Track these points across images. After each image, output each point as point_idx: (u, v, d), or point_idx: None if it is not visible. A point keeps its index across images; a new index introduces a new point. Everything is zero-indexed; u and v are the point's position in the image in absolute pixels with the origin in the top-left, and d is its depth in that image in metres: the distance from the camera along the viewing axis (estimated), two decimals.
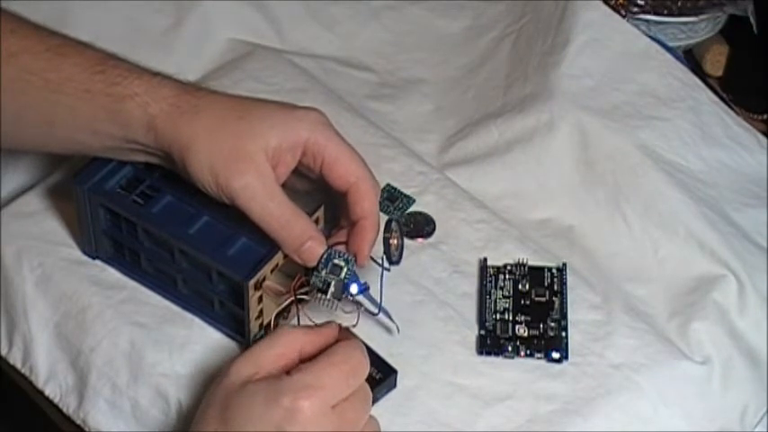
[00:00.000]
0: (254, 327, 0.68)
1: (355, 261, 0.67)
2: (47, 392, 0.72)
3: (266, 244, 0.67)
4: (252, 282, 0.66)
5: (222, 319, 0.71)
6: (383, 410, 0.67)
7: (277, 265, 0.67)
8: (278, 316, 0.69)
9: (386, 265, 0.68)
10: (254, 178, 0.65)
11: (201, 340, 0.71)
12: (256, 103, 0.68)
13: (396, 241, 0.69)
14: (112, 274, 0.73)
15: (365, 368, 0.62)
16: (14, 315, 0.73)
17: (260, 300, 0.67)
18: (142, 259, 0.72)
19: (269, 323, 0.69)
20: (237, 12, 0.92)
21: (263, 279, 0.67)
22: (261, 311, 0.68)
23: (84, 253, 0.74)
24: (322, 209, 0.71)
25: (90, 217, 0.72)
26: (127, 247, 0.72)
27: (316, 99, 0.84)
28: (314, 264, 0.66)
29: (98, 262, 0.74)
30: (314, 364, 0.60)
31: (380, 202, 0.77)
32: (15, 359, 0.73)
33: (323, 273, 0.66)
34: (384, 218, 0.70)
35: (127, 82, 0.67)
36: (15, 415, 0.79)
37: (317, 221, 0.70)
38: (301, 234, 0.66)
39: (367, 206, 0.68)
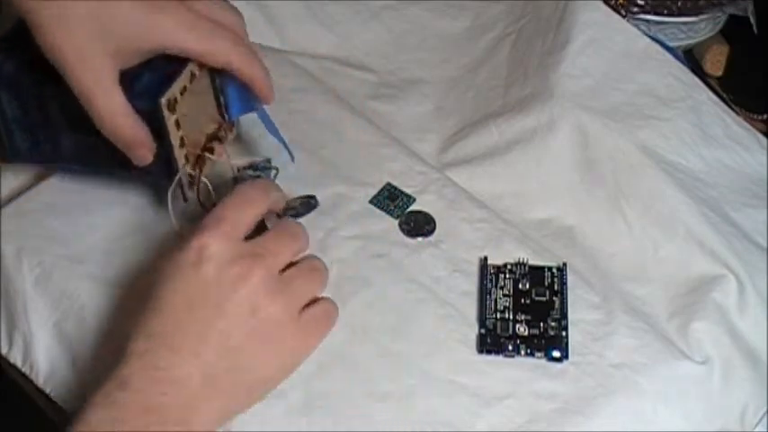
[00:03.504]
0: (179, 156, 0.68)
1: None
2: (47, 391, 0.72)
3: (171, 70, 0.67)
4: (164, 99, 0.65)
5: (148, 167, 0.69)
6: (383, 409, 0.68)
7: (185, 87, 0.67)
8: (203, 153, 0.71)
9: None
10: (91, 78, 0.65)
11: None
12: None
13: None
14: (112, 272, 0.73)
15: (304, 235, 0.68)
16: (14, 314, 0.73)
17: (177, 125, 0.67)
18: (58, 137, 0.70)
19: (197, 158, 0.70)
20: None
21: (175, 100, 0.66)
22: (182, 140, 0.67)
23: (4, 160, 0.73)
24: None
25: None
26: (39, 127, 0.71)
27: (316, 99, 0.84)
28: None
29: (98, 259, 0.74)
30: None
31: (381, 201, 0.77)
32: (15, 358, 0.73)
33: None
34: None
35: None
36: (15, 414, 0.79)
37: None
38: (132, 134, 0.68)
39: (246, 73, 0.70)
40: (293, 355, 0.67)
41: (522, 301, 0.73)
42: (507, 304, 0.73)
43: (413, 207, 0.78)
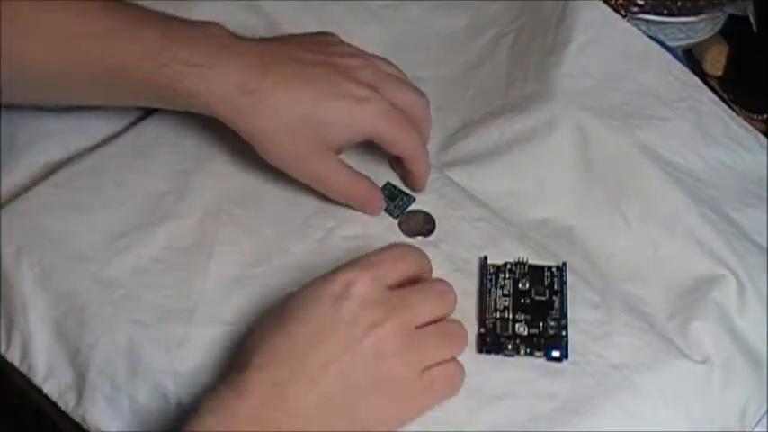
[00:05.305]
0: None
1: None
2: (45, 390, 0.72)
3: None
4: None
5: None
6: None
7: None
8: None
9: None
10: (322, 172, 0.75)
11: (200, 337, 0.71)
12: (321, 103, 0.74)
13: None
14: (112, 271, 0.73)
15: (451, 298, 0.69)
16: (13, 313, 0.73)
17: None
18: None
19: None
20: (237, 12, 0.91)
21: None
22: None
23: None
24: None
25: None
26: None
27: None
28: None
29: (97, 259, 0.74)
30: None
31: None
32: (14, 357, 0.73)
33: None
34: None
35: (189, 80, 0.72)
36: (13, 413, 0.79)
37: None
38: (366, 196, 0.77)
39: (417, 168, 0.78)
40: (405, 411, 0.67)
41: (522, 300, 0.73)
42: (507, 304, 0.73)
43: (412, 207, 0.78)
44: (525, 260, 0.75)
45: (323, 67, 0.75)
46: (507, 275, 0.75)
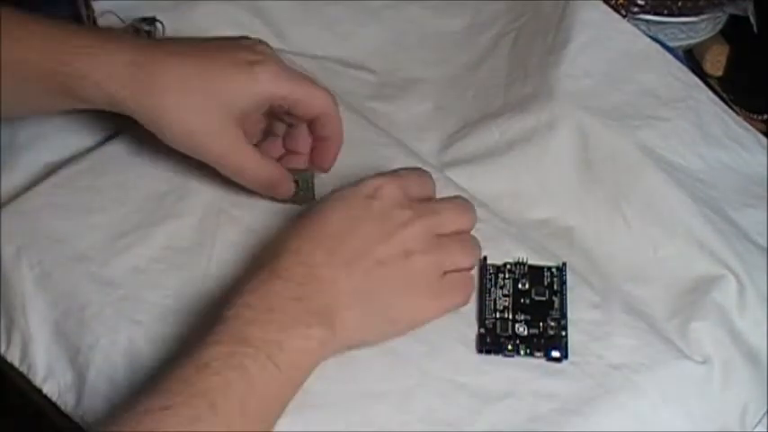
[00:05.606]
0: None
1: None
2: (45, 390, 0.72)
3: None
4: None
5: None
6: (381, 409, 0.68)
7: None
8: None
9: None
10: (225, 149, 0.73)
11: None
12: (214, 69, 0.72)
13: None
14: (111, 271, 0.73)
15: (473, 214, 0.73)
16: (13, 313, 0.73)
17: None
18: None
19: None
20: (237, 13, 0.92)
21: None
22: None
23: None
24: None
25: None
26: None
27: None
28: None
29: (98, 259, 0.74)
30: None
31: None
32: (13, 357, 0.73)
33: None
34: None
35: (78, 62, 0.71)
36: (13, 413, 0.79)
37: None
38: (270, 178, 0.75)
39: (331, 129, 0.76)
40: (426, 309, 0.70)
41: (522, 300, 0.73)
42: (507, 304, 0.73)
43: None
44: (525, 260, 0.75)
45: (217, 42, 0.75)
46: (507, 275, 0.75)
